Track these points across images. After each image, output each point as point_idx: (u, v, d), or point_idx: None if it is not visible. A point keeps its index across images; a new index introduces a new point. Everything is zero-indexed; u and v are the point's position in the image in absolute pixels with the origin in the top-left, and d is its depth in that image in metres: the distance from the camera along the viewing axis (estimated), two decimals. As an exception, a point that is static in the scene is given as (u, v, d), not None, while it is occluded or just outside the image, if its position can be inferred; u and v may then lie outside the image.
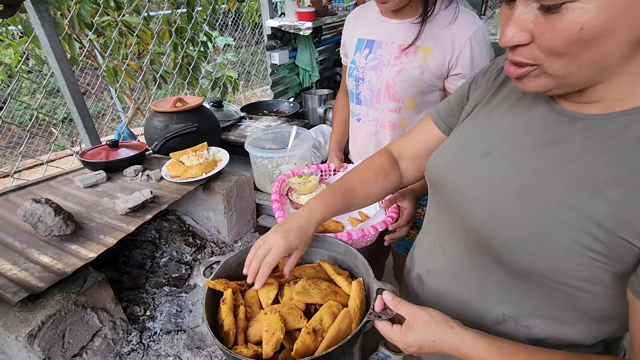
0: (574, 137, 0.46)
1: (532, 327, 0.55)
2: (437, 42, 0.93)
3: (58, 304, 0.64)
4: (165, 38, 2.58)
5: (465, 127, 0.63)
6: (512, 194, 0.50)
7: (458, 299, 0.63)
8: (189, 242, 1.00)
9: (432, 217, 0.69)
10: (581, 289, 0.46)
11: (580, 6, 0.36)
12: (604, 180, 0.42)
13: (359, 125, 1.14)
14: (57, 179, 1.02)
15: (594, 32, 0.37)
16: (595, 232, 0.42)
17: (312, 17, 1.92)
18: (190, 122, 1.24)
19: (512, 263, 0.50)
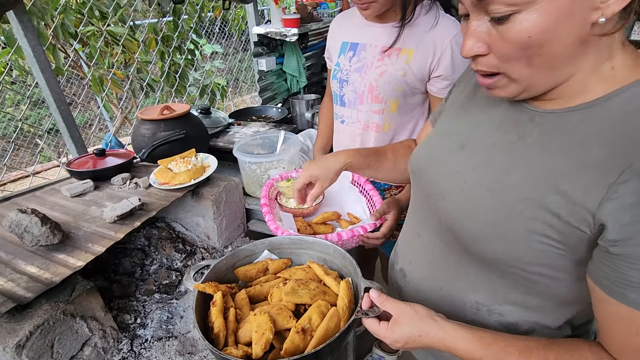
0: (534, 133, 0.49)
1: (504, 313, 0.58)
2: (419, 45, 0.96)
3: (46, 314, 0.63)
4: (151, 46, 2.58)
5: (447, 121, 0.66)
6: (479, 186, 0.52)
7: (437, 288, 0.65)
8: (179, 249, 1.00)
9: (412, 207, 0.73)
10: (543, 275, 0.50)
11: (525, 16, 0.40)
12: (558, 173, 0.45)
13: (343, 127, 1.16)
14: (44, 189, 1.01)
15: (540, 38, 0.41)
16: (550, 221, 0.45)
17: (298, 24, 1.94)
18: (177, 129, 1.25)
19: (478, 252, 0.53)
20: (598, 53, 0.43)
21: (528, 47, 0.42)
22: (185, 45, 2.72)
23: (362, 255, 1.40)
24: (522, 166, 0.49)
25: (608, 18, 0.39)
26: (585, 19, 0.39)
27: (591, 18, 0.39)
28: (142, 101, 2.58)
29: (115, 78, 2.38)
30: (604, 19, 0.39)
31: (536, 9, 0.39)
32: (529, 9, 0.39)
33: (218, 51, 3.99)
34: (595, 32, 0.40)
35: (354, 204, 1.09)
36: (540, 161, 0.47)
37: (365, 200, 1.08)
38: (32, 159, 3.81)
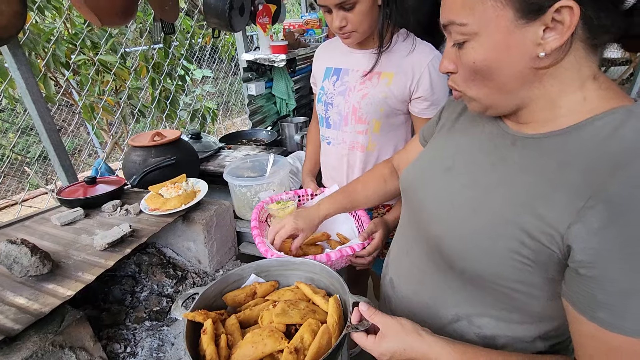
0: (514, 156, 0.52)
1: (483, 326, 0.60)
2: (398, 69, 1.02)
3: (34, 346, 0.63)
4: (142, 73, 2.63)
5: (434, 144, 0.70)
6: (464, 207, 0.55)
7: (422, 301, 0.67)
8: (170, 274, 1.00)
9: (402, 225, 0.76)
10: (519, 291, 0.52)
11: (472, 45, 0.46)
12: (535, 195, 0.48)
13: (330, 149, 1.20)
14: (33, 218, 1.01)
15: (484, 66, 0.47)
16: (524, 240, 0.47)
17: (286, 50, 2.01)
18: (168, 155, 1.27)
19: (462, 269, 0.56)
20: (562, 83, 0.47)
21: (476, 72, 0.48)
22: (175, 72, 2.78)
23: (354, 274, 1.41)
24: (503, 187, 0.52)
25: (548, 53, 0.44)
26: (526, 53, 0.44)
27: (534, 52, 0.44)
28: (132, 127, 2.60)
29: (106, 105, 2.41)
30: (544, 53, 0.44)
31: (479, 40, 0.46)
32: (475, 39, 0.46)
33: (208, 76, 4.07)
34: (540, 65, 0.45)
35: (343, 224, 1.11)
36: (519, 182, 0.50)
37: (354, 220, 1.10)
38: (19, 187, 3.76)
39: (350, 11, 0.92)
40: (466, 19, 0.45)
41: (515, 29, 0.43)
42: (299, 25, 2.58)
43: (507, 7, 0.43)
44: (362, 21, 0.94)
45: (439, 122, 0.73)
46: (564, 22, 0.42)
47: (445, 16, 0.48)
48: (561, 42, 0.43)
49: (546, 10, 0.41)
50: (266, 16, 2.02)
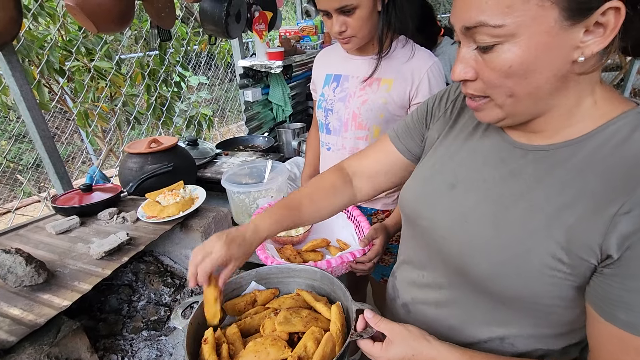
0: (528, 168, 0.51)
1: (515, 344, 0.58)
2: (398, 75, 1.02)
3: (30, 358, 0.61)
4: (137, 80, 2.62)
5: (430, 160, 0.67)
6: (483, 223, 0.53)
7: (446, 325, 0.64)
8: (168, 283, 0.98)
9: (410, 248, 0.71)
10: (556, 306, 0.50)
11: (508, 47, 0.43)
12: (558, 206, 0.47)
13: (329, 154, 1.20)
14: (27, 227, 0.99)
15: (521, 69, 0.43)
16: (559, 255, 0.46)
17: (282, 57, 2.02)
18: (165, 162, 1.26)
19: (494, 291, 0.53)
20: (580, 89, 0.46)
21: (510, 76, 0.44)
22: (171, 79, 2.77)
23: (353, 281, 1.40)
24: (521, 201, 0.50)
25: (587, 57, 0.42)
26: (565, 57, 0.42)
27: (571, 56, 0.42)
28: (128, 134, 2.58)
29: (100, 112, 2.39)
30: (583, 58, 0.42)
31: (517, 42, 0.42)
32: (511, 41, 0.42)
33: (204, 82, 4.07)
34: (575, 70, 0.43)
35: (343, 230, 1.10)
36: (539, 195, 0.49)
37: (354, 226, 1.10)
38: (10, 195, 3.71)
39: (350, 16, 0.93)
40: (502, 20, 0.41)
41: (560, 30, 0.40)
42: (295, 32, 2.59)
43: (554, 6, 0.39)
44: (362, 26, 0.95)
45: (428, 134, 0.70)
46: (607, 25, 0.40)
47: (471, 18, 0.43)
48: (603, 46, 0.41)
49: (594, 12, 0.39)
50: (262, 23, 2.02)
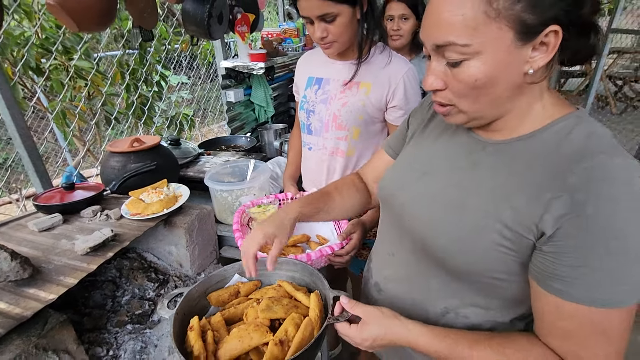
0: (488, 160, 0.59)
1: (469, 315, 0.65)
2: (375, 79, 1.08)
3: (18, 349, 0.63)
4: (117, 79, 2.59)
5: (407, 152, 0.75)
6: (447, 206, 0.60)
7: (410, 299, 0.71)
8: (152, 278, 1.00)
9: (384, 230, 0.79)
10: (502, 280, 0.57)
11: (473, 63, 0.50)
12: (507, 191, 0.54)
13: (310, 154, 1.25)
14: (8, 225, 0.99)
15: (484, 82, 0.51)
16: (505, 233, 0.53)
17: (264, 58, 2.05)
18: (148, 160, 1.27)
19: (451, 266, 0.60)
20: (531, 95, 0.54)
21: (476, 88, 0.51)
22: (152, 78, 2.75)
23: (333, 275, 1.45)
24: (481, 188, 0.57)
25: (535, 70, 0.49)
26: (519, 70, 0.50)
27: (523, 69, 0.50)
28: (109, 133, 2.55)
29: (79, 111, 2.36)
30: (532, 70, 0.49)
31: (481, 58, 0.49)
32: (476, 58, 0.49)
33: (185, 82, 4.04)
34: (526, 80, 0.51)
35: (323, 227, 1.15)
36: (494, 183, 0.56)
37: (333, 222, 1.15)
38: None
39: (331, 23, 0.98)
40: (469, 40, 0.48)
41: (514, 48, 0.48)
42: (277, 34, 2.63)
43: (508, 30, 0.47)
44: (342, 33, 1.00)
45: (408, 132, 0.79)
46: (549, 44, 0.48)
47: (442, 37, 0.50)
48: (547, 60, 0.49)
49: (539, 34, 0.47)
50: (245, 25, 2.05)
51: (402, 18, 1.67)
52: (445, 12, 0.49)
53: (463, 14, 0.47)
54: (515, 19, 0.46)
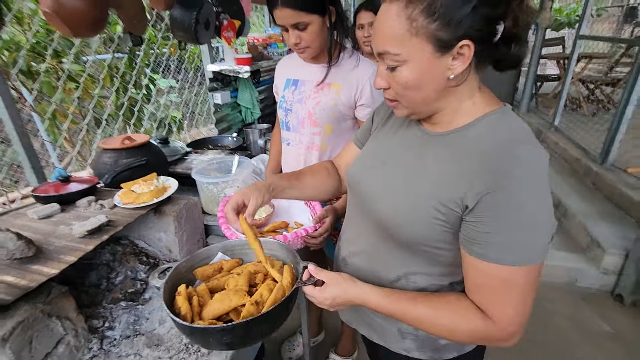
0: (431, 149, 0.70)
1: (417, 281, 0.76)
2: (345, 81, 1.20)
3: (26, 312, 0.72)
4: (106, 82, 2.67)
5: (371, 144, 0.87)
6: (397, 190, 0.72)
7: (370, 270, 0.82)
8: (143, 261, 1.10)
9: (351, 212, 0.91)
10: (439, 248, 0.69)
11: (404, 69, 0.62)
12: (442, 174, 0.65)
13: (289, 149, 1.37)
14: (9, 214, 1.07)
15: (413, 84, 0.63)
16: (439, 208, 0.64)
17: (250, 62, 2.16)
18: (139, 157, 1.37)
19: (401, 237, 0.71)
20: (459, 95, 0.66)
21: (407, 89, 0.63)
22: (141, 81, 2.84)
23: (309, 256, 1.56)
24: (424, 173, 0.69)
25: (455, 75, 0.61)
26: (442, 75, 0.61)
27: (446, 75, 0.61)
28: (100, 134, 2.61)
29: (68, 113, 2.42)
30: (453, 76, 0.61)
31: (409, 65, 0.61)
32: (405, 65, 0.61)
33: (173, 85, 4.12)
34: (450, 84, 0.63)
35: (301, 214, 1.26)
36: (435, 169, 0.67)
37: (310, 210, 1.26)
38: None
39: (303, 31, 1.10)
40: (399, 50, 0.59)
41: (434, 59, 0.59)
42: (263, 40, 2.74)
43: (427, 44, 0.58)
44: (314, 39, 1.12)
45: (372, 127, 0.91)
46: (464, 54, 0.59)
47: (381, 47, 0.62)
48: (464, 68, 0.60)
49: (454, 47, 0.58)
50: (231, 31, 2.16)
51: (371, 25, 1.81)
52: (383, 27, 0.61)
53: (394, 29, 0.59)
54: (431, 36, 0.58)
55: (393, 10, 0.59)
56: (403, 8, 0.58)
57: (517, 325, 0.62)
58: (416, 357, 0.80)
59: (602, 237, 2.37)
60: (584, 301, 2.26)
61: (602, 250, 2.30)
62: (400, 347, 0.81)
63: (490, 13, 0.56)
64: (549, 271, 2.43)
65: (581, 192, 3.00)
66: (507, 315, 0.61)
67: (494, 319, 0.62)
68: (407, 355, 0.81)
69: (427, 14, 0.56)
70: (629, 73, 2.77)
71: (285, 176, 0.94)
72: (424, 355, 0.80)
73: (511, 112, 0.67)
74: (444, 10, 0.56)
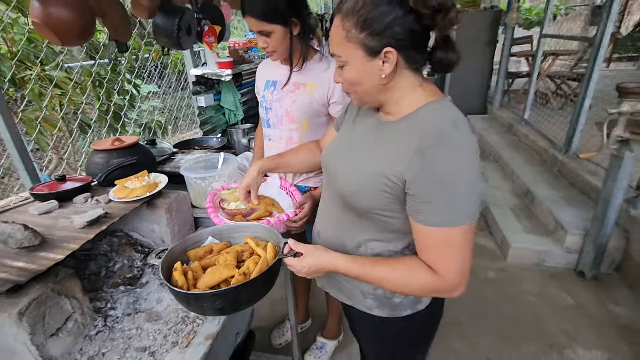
0: (384, 134, 0.83)
1: (374, 248, 0.89)
2: (318, 81, 1.33)
3: (39, 291, 0.81)
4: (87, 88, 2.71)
5: (342, 132, 1.00)
6: (356, 165, 0.85)
7: (337, 239, 0.95)
8: (138, 250, 1.19)
9: (324, 190, 1.04)
10: (388, 216, 0.82)
11: (347, 68, 0.76)
12: (392, 156, 0.77)
13: (270, 144, 1.48)
14: (10, 211, 1.15)
15: (355, 80, 0.77)
16: (386, 182, 0.77)
17: (231, 66, 2.27)
18: (129, 156, 1.46)
19: (356, 206, 0.84)
20: (401, 89, 0.78)
21: (352, 84, 0.77)
22: (123, 87, 2.89)
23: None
24: (377, 153, 0.81)
25: (386, 75, 0.74)
26: (375, 74, 0.74)
27: (379, 74, 0.74)
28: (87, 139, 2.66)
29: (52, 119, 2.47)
30: (384, 75, 0.74)
31: (349, 66, 0.75)
32: (346, 65, 0.75)
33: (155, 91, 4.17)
34: (384, 82, 0.76)
35: (282, 202, 1.38)
36: (386, 150, 0.80)
37: (290, 199, 1.38)
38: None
39: (268, 37, 1.23)
40: (340, 53, 0.74)
41: (366, 61, 0.72)
42: (244, 43, 2.85)
43: (359, 49, 0.72)
44: (278, 45, 1.25)
45: (345, 116, 1.04)
46: (390, 58, 0.72)
47: (332, 49, 0.77)
48: (391, 69, 0.73)
49: (380, 53, 0.71)
50: (212, 36, 2.26)
51: None
52: (332, 34, 0.76)
53: (336, 36, 0.74)
54: (361, 43, 0.71)
55: (337, 21, 0.74)
56: (341, 20, 0.73)
57: (459, 278, 0.75)
58: (377, 314, 0.93)
59: (565, 219, 2.57)
60: (551, 278, 2.45)
61: (565, 232, 2.49)
62: (364, 306, 0.94)
63: (412, 26, 0.69)
64: (519, 253, 2.62)
65: (548, 180, 3.21)
66: (450, 269, 0.74)
67: (440, 273, 0.75)
68: (370, 312, 0.94)
69: (357, 26, 0.71)
70: (586, 68, 2.99)
71: (271, 158, 1.19)
72: (383, 313, 0.92)
73: (449, 102, 0.79)
74: (369, 24, 0.70)
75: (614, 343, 1.92)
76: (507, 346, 1.95)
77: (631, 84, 1.94)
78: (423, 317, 0.94)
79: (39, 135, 2.57)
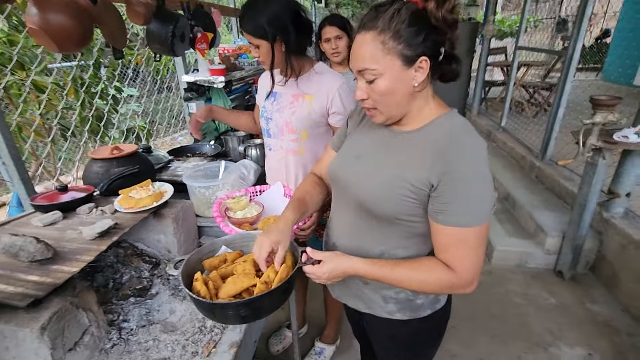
0: (398, 144, 0.88)
1: (398, 254, 0.92)
2: (316, 92, 1.37)
3: (58, 304, 0.80)
4: (70, 93, 2.63)
5: (347, 144, 1.03)
6: (370, 175, 0.89)
7: (356, 246, 0.97)
8: (146, 261, 1.18)
9: (335, 201, 1.06)
10: (412, 221, 0.86)
11: (380, 80, 0.79)
12: (409, 162, 0.83)
13: (271, 154, 1.52)
14: (11, 223, 1.12)
15: (387, 92, 0.80)
16: (409, 188, 0.82)
17: (224, 73, 2.27)
18: (129, 165, 1.44)
19: (378, 213, 0.88)
20: (420, 100, 0.84)
21: (384, 95, 0.80)
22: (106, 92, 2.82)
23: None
24: (392, 161, 0.86)
25: (418, 83, 0.79)
26: (409, 83, 0.79)
27: (412, 83, 0.79)
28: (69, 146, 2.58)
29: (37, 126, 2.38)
30: (416, 84, 0.79)
31: (384, 77, 0.78)
32: (381, 77, 0.78)
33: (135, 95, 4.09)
34: (415, 90, 0.81)
35: (288, 211, 1.40)
36: (402, 157, 0.85)
37: (296, 207, 1.40)
38: None
39: (257, 49, 1.26)
40: (375, 66, 0.77)
41: (402, 71, 0.77)
42: (233, 50, 2.85)
43: (397, 59, 0.76)
44: (265, 58, 1.29)
45: (347, 130, 1.08)
46: (423, 67, 0.78)
47: (360, 65, 0.79)
48: (423, 77, 0.79)
49: (415, 61, 0.77)
50: (204, 43, 2.27)
51: (336, 38, 2.02)
52: (362, 51, 0.79)
53: (370, 51, 0.77)
54: (399, 54, 0.76)
55: (369, 37, 0.78)
56: (376, 35, 0.77)
57: (473, 274, 0.81)
58: (398, 318, 0.97)
59: (544, 223, 2.72)
60: (533, 279, 2.58)
61: (545, 234, 2.64)
62: (384, 311, 0.98)
63: (436, 39, 0.77)
64: (503, 256, 2.74)
65: (527, 185, 3.39)
66: (466, 266, 0.80)
67: (456, 270, 0.80)
68: (390, 317, 0.97)
69: (394, 38, 0.76)
70: (558, 79, 3.19)
71: (295, 209, 1.02)
72: (404, 316, 0.97)
73: (457, 113, 0.87)
74: (406, 35, 0.75)
75: (594, 340, 2.06)
76: (498, 346, 2.04)
77: (603, 96, 2.10)
78: (440, 316, 0.99)
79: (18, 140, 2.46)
